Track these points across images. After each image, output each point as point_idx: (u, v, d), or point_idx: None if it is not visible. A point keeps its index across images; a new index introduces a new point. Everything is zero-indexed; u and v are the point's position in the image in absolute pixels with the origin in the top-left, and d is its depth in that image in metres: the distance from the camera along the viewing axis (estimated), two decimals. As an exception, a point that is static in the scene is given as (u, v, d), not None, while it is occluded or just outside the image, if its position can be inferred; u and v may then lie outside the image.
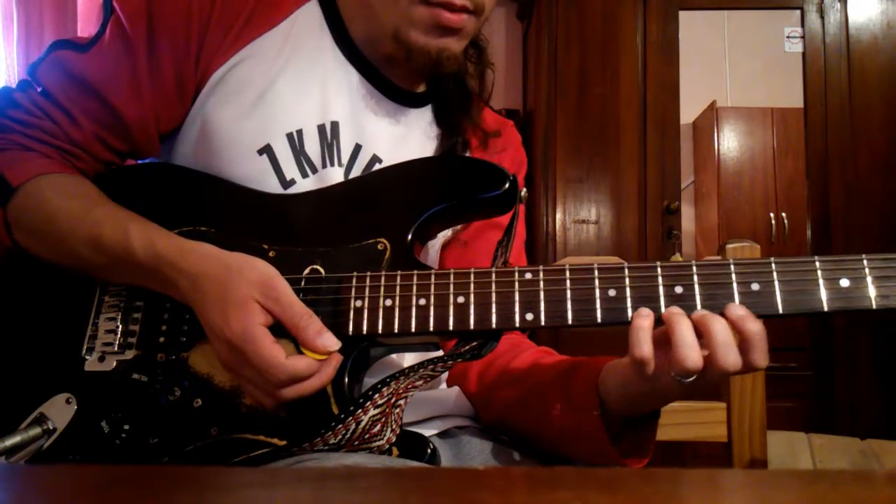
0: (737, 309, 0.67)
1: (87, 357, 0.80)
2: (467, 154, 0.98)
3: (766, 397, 1.15)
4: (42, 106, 0.85)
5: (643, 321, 0.67)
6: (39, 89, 0.86)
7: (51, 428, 0.77)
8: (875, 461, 1.55)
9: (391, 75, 0.94)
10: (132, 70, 0.86)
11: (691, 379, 0.66)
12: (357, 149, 0.91)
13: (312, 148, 0.88)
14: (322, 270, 0.78)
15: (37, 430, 0.76)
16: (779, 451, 1.58)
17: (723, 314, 0.67)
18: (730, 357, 0.65)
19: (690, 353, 0.65)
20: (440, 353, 0.79)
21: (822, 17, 3.07)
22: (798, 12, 3.11)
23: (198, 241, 0.78)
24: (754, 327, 0.66)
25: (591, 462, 0.80)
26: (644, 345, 0.67)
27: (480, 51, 1.00)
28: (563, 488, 0.34)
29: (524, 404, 0.87)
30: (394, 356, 0.88)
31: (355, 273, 0.76)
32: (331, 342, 0.72)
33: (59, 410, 0.78)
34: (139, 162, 0.95)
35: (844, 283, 0.67)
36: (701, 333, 0.67)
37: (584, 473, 0.40)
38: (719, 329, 0.66)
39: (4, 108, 0.86)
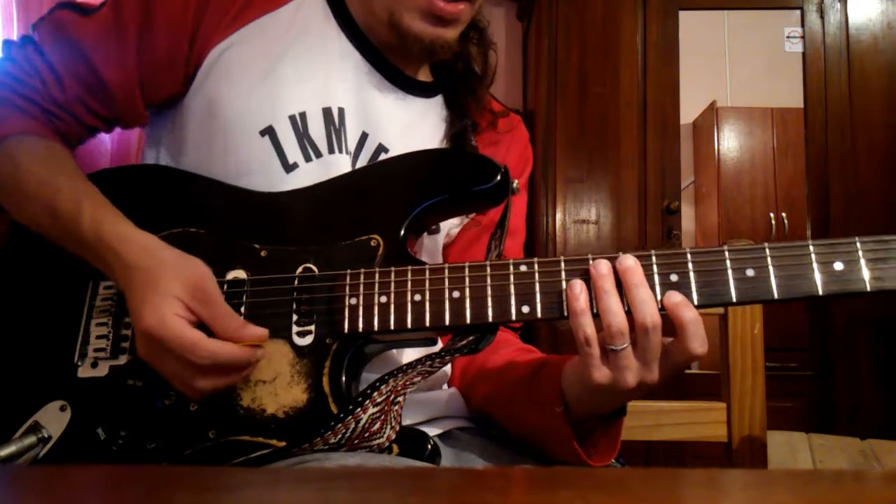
0: (673, 296, 0.68)
1: (80, 363, 0.79)
2: (475, 136, 0.98)
3: (766, 397, 1.15)
4: (34, 63, 0.86)
5: (579, 305, 0.68)
6: (35, 46, 0.87)
7: (46, 436, 0.76)
8: (875, 461, 1.55)
9: (398, 62, 0.94)
10: (121, 39, 0.86)
11: (623, 346, 0.67)
12: (363, 137, 0.90)
13: (317, 131, 0.87)
14: (315, 269, 0.78)
15: (32, 439, 0.75)
16: (779, 451, 1.58)
17: (661, 302, 0.68)
18: (647, 313, 0.67)
19: (615, 318, 0.67)
20: (438, 347, 0.79)
21: (822, 17, 3.07)
22: (798, 12, 3.10)
23: (188, 242, 0.78)
24: (689, 314, 0.67)
25: (560, 460, 0.80)
26: (586, 327, 0.68)
27: (481, 32, 1.00)
28: (563, 488, 0.34)
29: (497, 401, 0.88)
30: (393, 352, 0.88)
31: (349, 270, 0.76)
32: (258, 331, 0.72)
33: (54, 418, 0.77)
34: (145, 153, 0.95)
35: (839, 266, 0.67)
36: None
37: (584, 473, 0.40)
38: (636, 287, 0.68)
39: (2, 63, 0.88)
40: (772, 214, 3.72)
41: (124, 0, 0.87)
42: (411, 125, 0.94)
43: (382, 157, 0.91)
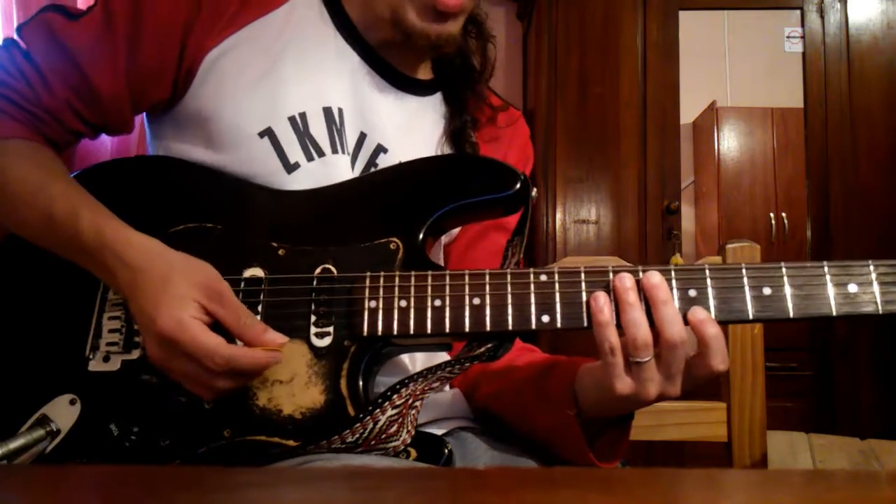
0: (698, 312, 0.69)
1: (91, 357, 0.79)
2: (475, 132, 0.98)
3: (766, 397, 1.15)
4: (21, 66, 0.84)
5: (604, 316, 0.69)
6: (22, 50, 0.85)
7: (54, 429, 0.76)
8: (875, 461, 1.54)
9: (394, 61, 0.93)
10: (111, 45, 0.85)
11: (647, 359, 0.68)
12: (362, 137, 0.90)
13: (318, 131, 0.87)
14: (334, 270, 0.77)
15: (40, 432, 0.75)
16: (779, 451, 1.58)
17: (685, 317, 0.69)
18: (674, 331, 0.68)
19: (639, 331, 0.68)
20: (450, 353, 0.79)
21: (822, 17, 3.07)
22: (798, 12, 3.10)
23: (204, 238, 0.78)
24: (713, 331, 0.68)
25: (566, 459, 0.80)
26: (611, 338, 0.69)
27: (479, 25, 0.99)
28: (564, 488, 0.34)
29: (503, 400, 0.88)
30: (403, 356, 0.88)
31: (368, 273, 0.76)
32: (278, 336, 0.72)
33: (63, 411, 0.77)
34: (149, 153, 0.95)
35: (852, 288, 0.69)
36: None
37: (584, 473, 0.40)
38: (663, 303, 0.68)
39: None
40: (772, 214, 3.71)
41: (114, 6, 0.86)
42: (410, 125, 0.94)
43: (381, 157, 0.91)
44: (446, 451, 0.74)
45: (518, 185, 0.79)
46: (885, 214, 2.88)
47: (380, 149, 0.91)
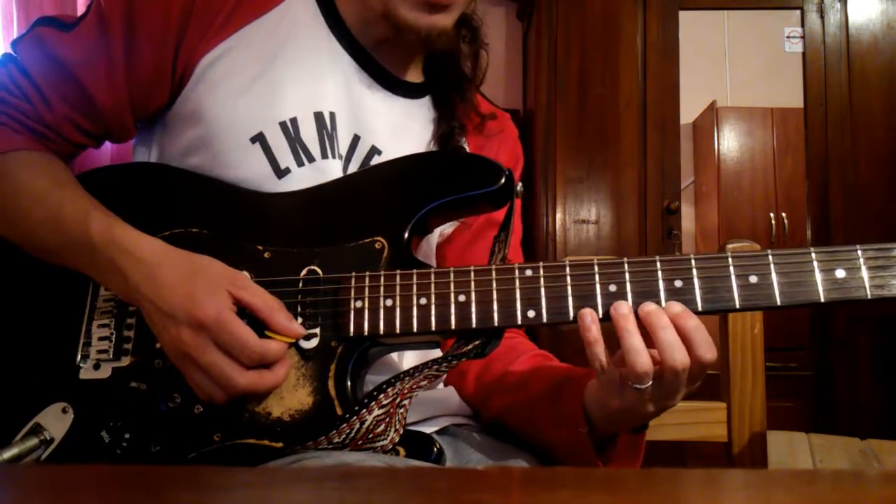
0: (673, 306, 0.68)
1: (82, 365, 0.79)
2: (464, 138, 0.98)
3: (766, 397, 1.15)
4: (19, 83, 0.85)
5: (592, 335, 0.69)
6: (19, 66, 0.85)
7: (48, 438, 0.76)
8: (875, 461, 1.54)
9: (387, 63, 0.93)
10: (108, 56, 0.85)
11: (647, 385, 0.68)
12: (355, 140, 0.90)
13: (309, 135, 0.86)
14: (319, 271, 0.77)
15: (34, 441, 0.75)
16: (779, 451, 1.58)
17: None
18: (676, 357, 0.67)
19: (639, 358, 0.67)
20: (440, 352, 0.79)
21: (822, 17, 3.07)
22: (798, 12, 3.10)
23: (190, 243, 0.78)
24: (691, 323, 0.67)
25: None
26: (600, 356, 0.69)
27: (474, 31, 0.99)
28: (563, 488, 0.34)
29: (517, 414, 0.88)
30: (393, 355, 0.88)
31: (354, 273, 0.76)
32: (299, 328, 0.73)
33: (56, 420, 0.77)
34: (135, 160, 0.95)
35: (840, 273, 0.68)
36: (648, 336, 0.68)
37: (584, 473, 0.40)
38: (663, 329, 0.67)
39: None
40: (772, 214, 3.71)
41: (107, 15, 0.85)
42: (402, 126, 0.94)
43: (375, 158, 0.90)
44: (435, 448, 0.74)
45: (503, 181, 0.78)
46: (885, 214, 2.88)
47: (374, 150, 0.91)
